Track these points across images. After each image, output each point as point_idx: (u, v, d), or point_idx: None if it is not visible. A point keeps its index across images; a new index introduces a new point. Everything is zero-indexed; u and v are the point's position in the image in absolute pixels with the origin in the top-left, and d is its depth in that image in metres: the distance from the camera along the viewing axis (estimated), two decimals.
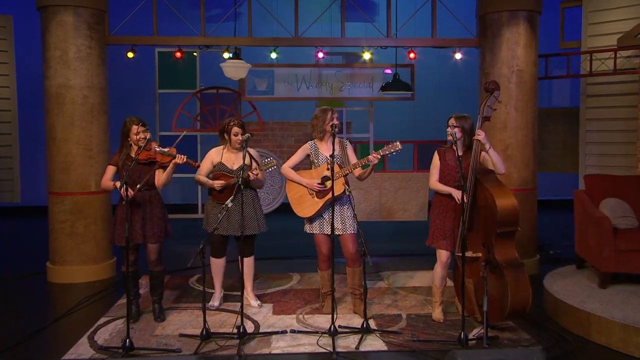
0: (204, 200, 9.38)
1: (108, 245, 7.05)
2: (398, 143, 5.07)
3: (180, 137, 5.39)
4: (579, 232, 6.20)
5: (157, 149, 5.15)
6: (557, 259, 7.64)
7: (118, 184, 5.03)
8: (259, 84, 9.05)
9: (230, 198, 4.89)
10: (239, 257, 5.49)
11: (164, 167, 5.22)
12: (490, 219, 4.89)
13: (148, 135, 5.13)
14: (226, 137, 5.54)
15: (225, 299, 5.98)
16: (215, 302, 5.81)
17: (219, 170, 5.51)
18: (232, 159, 5.50)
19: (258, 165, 5.36)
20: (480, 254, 5.00)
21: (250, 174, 5.23)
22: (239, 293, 4.94)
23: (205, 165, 5.61)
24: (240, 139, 5.44)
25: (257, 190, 5.71)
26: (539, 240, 7.57)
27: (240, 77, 8.04)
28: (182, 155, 5.10)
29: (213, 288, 5.93)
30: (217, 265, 5.75)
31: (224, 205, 4.81)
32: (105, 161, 6.81)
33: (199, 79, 9.04)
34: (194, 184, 9.45)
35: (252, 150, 5.53)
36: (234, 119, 5.58)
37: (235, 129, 5.48)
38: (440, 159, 5.23)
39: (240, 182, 4.81)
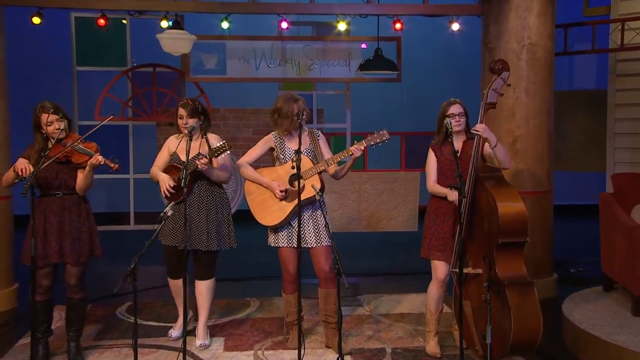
0: (137, 208, 9.32)
1: (6, 269, 6.88)
2: (385, 132, 5.13)
3: (99, 125, 5.25)
4: (606, 245, 6.24)
5: (76, 145, 5.06)
6: (580, 278, 7.70)
7: (21, 165, 4.92)
8: (207, 60, 8.98)
9: (170, 204, 4.81)
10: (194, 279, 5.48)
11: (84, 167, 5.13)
12: (491, 226, 4.89)
13: (62, 126, 5.03)
14: None
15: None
16: (175, 330, 5.76)
17: (172, 162, 5.46)
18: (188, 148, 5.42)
19: (209, 152, 5.26)
20: (480, 271, 5.00)
21: (198, 163, 5.15)
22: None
23: (162, 155, 5.55)
24: (185, 122, 5.37)
25: (224, 188, 5.65)
26: (557, 255, 7.62)
27: (182, 52, 7.97)
28: (98, 156, 5.00)
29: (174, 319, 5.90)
30: (175, 286, 5.68)
31: (162, 214, 4.72)
32: (3, 157, 6.69)
33: (130, 53, 8.93)
34: (123, 188, 9.46)
35: (212, 137, 5.47)
36: (184, 98, 5.53)
37: (180, 111, 5.40)
38: (436, 155, 5.28)
39: (182, 182, 4.74)
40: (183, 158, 5.34)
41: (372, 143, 5.13)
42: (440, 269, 5.23)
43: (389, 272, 8.28)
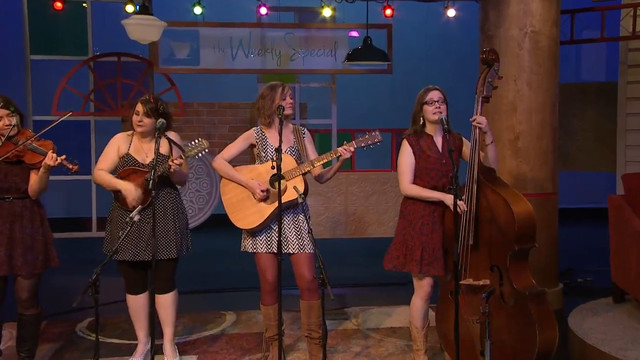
0: (99, 213, 9.24)
1: None
2: (378, 133, 5.17)
3: (56, 122, 5.20)
4: (617, 252, 6.26)
5: (29, 143, 5.01)
6: (587, 289, 7.74)
7: None
8: (179, 49, 8.96)
9: (138, 208, 4.77)
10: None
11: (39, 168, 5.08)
12: (501, 232, 4.88)
13: (13, 121, 4.99)
14: None
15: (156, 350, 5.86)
16: (137, 357, 5.66)
17: (127, 165, 5.36)
18: (144, 150, 5.35)
19: (182, 152, 5.23)
20: (488, 281, 4.98)
21: (171, 163, 5.11)
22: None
23: (110, 154, 5.40)
24: (139, 120, 5.30)
25: (179, 191, 5.62)
26: (562, 263, 7.63)
27: (151, 40, 7.92)
28: (55, 155, 4.95)
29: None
30: (136, 304, 5.57)
31: (127, 219, 4.68)
32: None
33: (92, 41, 8.88)
34: (84, 190, 9.40)
35: (172, 134, 5.42)
36: (148, 94, 5.49)
37: (138, 107, 5.29)
38: (414, 151, 5.22)
39: (151, 185, 4.70)
40: (140, 160, 5.30)
41: (362, 145, 5.15)
42: (427, 282, 5.20)
43: (378, 282, 8.27)
